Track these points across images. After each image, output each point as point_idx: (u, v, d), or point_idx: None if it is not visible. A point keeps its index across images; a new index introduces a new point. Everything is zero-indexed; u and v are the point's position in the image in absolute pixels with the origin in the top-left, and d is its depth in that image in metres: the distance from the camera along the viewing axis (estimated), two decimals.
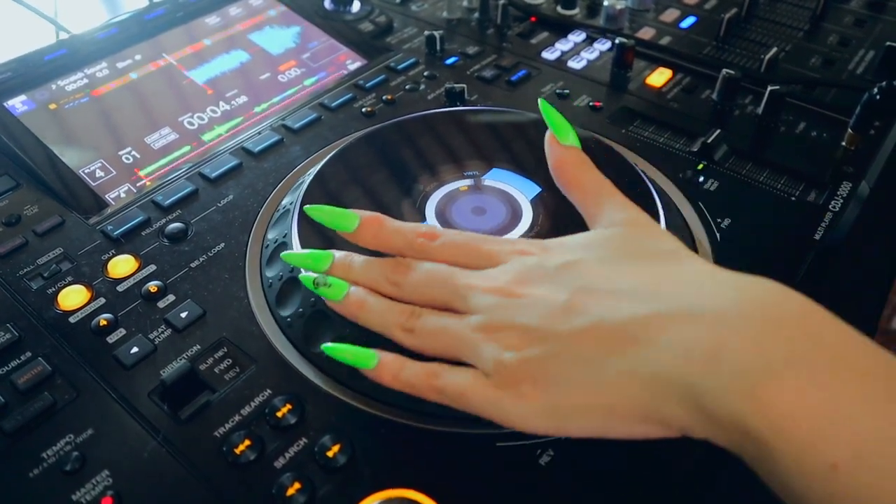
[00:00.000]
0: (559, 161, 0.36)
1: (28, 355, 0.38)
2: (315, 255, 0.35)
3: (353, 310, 0.34)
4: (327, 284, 0.34)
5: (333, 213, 0.35)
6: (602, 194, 0.35)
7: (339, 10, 0.70)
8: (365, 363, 0.33)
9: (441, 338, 0.32)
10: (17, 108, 0.54)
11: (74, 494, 0.32)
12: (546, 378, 0.29)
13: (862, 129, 0.53)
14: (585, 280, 0.30)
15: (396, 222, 0.35)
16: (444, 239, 0.34)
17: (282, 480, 0.32)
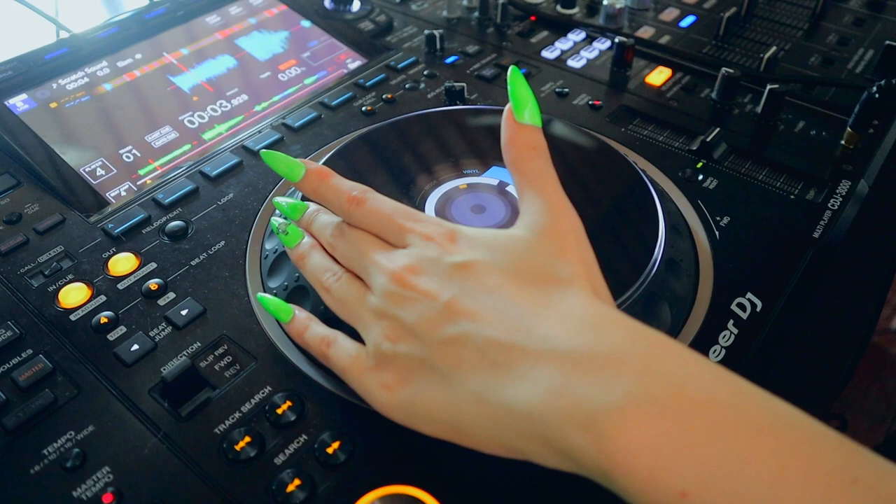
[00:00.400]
0: (509, 139, 0.34)
1: (29, 353, 0.38)
2: (294, 205, 0.38)
3: (296, 259, 0.37)
4: (286, 232, 0.37)
5: (283, 161, 0.37)
6: (537, 186, 0.33)
7: (340, 9, 0.71)
8: (282, 316, 0.36)
9: (346, 306, 0.34)
10: (18, 107, 0.54)
11: (75, 491, 0.32)
12: (408, 377, 0.30)
13: (861, 128, 0.53)
14: (470, 287, 0.30)
15: (340, 180, 0.36)
16: (368, 206, 0.35)
17: (282, 477, 0.32)
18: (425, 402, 0.30)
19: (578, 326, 0.28)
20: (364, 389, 0.32)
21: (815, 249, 0.45)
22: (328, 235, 0.36)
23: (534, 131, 0.34)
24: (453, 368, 0.29)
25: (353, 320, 0.34)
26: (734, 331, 0.40)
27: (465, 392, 0.29)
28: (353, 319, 0.34)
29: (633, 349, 0.27)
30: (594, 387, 0.26)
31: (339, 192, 0.36)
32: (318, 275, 0.35)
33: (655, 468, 0.24)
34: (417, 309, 0.30)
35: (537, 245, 0.31)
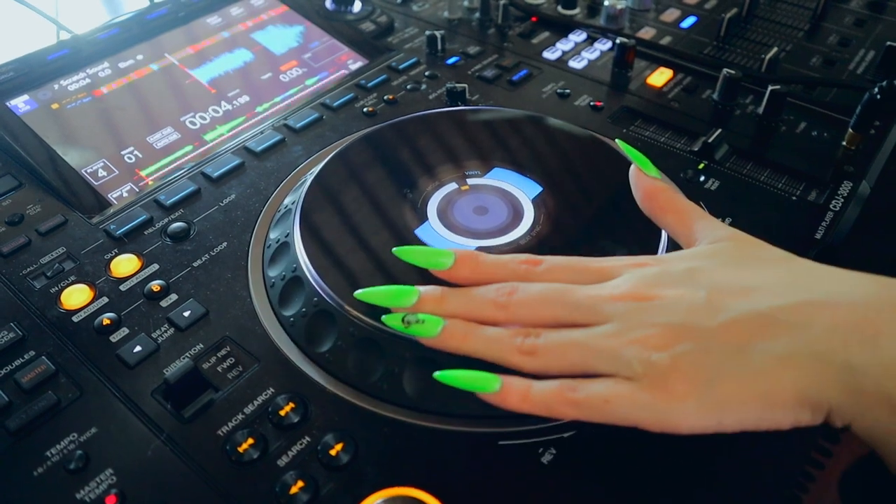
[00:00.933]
0: (649, 190, 0.37)
1: (32, 354, 0.38)
2: (399, 291, 0.33)
3: (457, 342, 0.32)
4: (420, 321, 0.32)
5: (427, 252, 0.34)
6: (697, 216, 0.36)
7: (341, 10, 0.71)
8: (486, 387, 0.30)
9: (570, 353, 0.30)
10: (20, 108, 0.54)
11: (78, 493, 0.32)
12: (699, 374, 0.28)
13: (862, 129, 0.53)
14: (716, 280, 0.30)
15: (492, 256, 0.34)
16: (550, 262, 0.33)
17: (285, 479, 0.32)
18: (728, 388, 0.28)
19: (854, 281, 0.29)
20: (648, 412, 0.28)
21: (817, 250, 0.45)
22: (487, 300, 0.32)
23: (662, 180, 0.37)
24: (747, 343, 0.28)
25: (592, 362, 0.30)
26: None
27: (769, 359, 0.28)
28: (589, 359, 0.30)
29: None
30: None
31: (504, 262, 0.34)
32: (505, 343, 0.31)
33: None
34: (679, 310, 0.29)
35: (737, 245, 0.33)
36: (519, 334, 0.31)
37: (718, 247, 0.33)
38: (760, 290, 0.29)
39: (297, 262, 0.39)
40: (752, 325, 0.28)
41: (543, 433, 0.34)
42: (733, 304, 0.29)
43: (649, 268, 0.32)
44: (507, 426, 0.34)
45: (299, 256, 0.40)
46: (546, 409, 0.30)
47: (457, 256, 0.34)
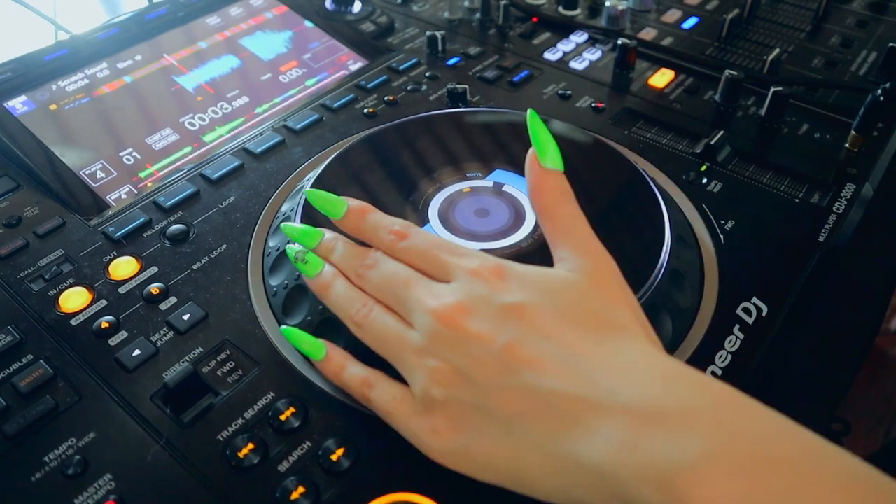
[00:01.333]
0: (537, 185, 0.34)
1: (29, 358, 0.38)
2: (307, 231, 0.37)
3: (319, 289, 0.35)
4: (305, 260, 0.36)
5: (325, 199, 0.36)
6: (573, 232, 0.33)
7: (341, 11, 0.70)
8: (314, 354, 0.35)
9: (382, 342, 0.33)
10: (18, 109, 0.54)
11: (77, 499, 0.32)
12: (464, 425, 0.30)
13: (865, 131, 0.53)
14: (527, 332, 0.29)
15: (380, 215, 0.36)
16: (410, 241, 0.34)
17: (285, 484, 0.32)
18: (482, 450, 0.29)
19: (645, 380, 0.28)
20: (411, 434, 0.31)
21: (820, 253, 0.45)
22: (356, 265, 0.35)
23: (559, 176, 0.34)
24: (514, 418, 0.28)
25: (394, 359, 0.32)
26: (740, 336, 0.40)
27: (527, 443, 0.28)
28: (394, 358, 0.32)
29: (703, 404, 0.26)
30: (669, 443, 0.25)
31: (380, 226, 0.35)
32: (346, 307, 0.34)
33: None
34: (471, 353, 0.29)
35: (587, 288, 0.31)
36: (359, 303, 0.34)
37: (568, 282, 0.31)
38: (555, 364, 0.28)
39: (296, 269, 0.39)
40: (524, 401, 0.28)
41: None
42: (521, 371, 0.28)
43: (481, 285, 0.31)
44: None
45: None
46: (349, 391, 0.34)
47: (348, 208, 0.36)
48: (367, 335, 0.33)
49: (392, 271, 0.34)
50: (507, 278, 0.31)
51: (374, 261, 0.34)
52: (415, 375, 0.31)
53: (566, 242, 0.33)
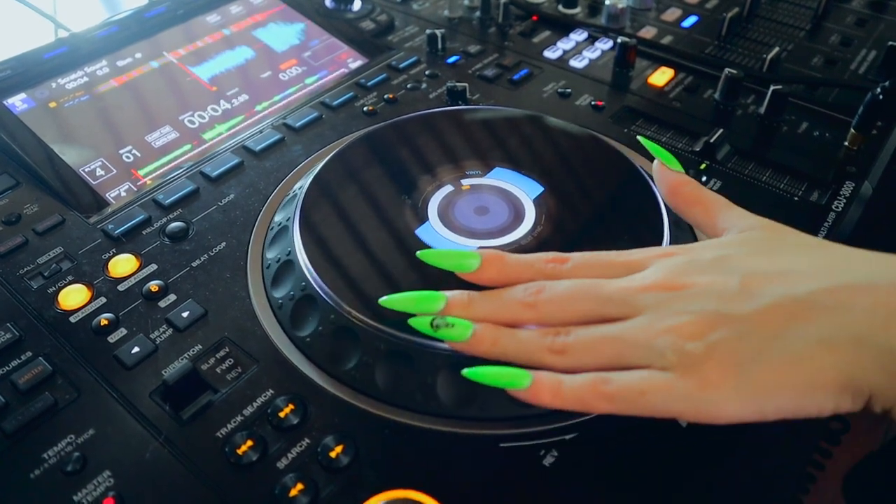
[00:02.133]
0: (675, 184, 0.37)
1: (28, 355, 0.38)
2: (427, 297, 0.32)
3: (486, 345, 0.31)
4: (449, 325, 0.31)
5: (452, 255, 0.34)
6: (724, 207, 0.35)
7: (341, 9, 0.70)
8: (517, 383, 0.30)
9: (602, 347, 0.29)
10: (17, 107, 0.54)
11: (76, 495, 0.32)
12: (737, 361, 0.27)
13: (865, 129, 0.53)
14: (749, 267, 0.30)
15: (518, 256, 0.34)
16: (576, 259, 0.33)
17: (285, 481, 0.32)
18: (767, 376, 0.27)
19: (881, 260, 0.29)
20: (685, 401, 0.28)
21: None
22: (515, 301, 0.32)
23: (686, 175, 0.38)
24: (785, 329, 0.28)
25: (622, 354, 0.29)
26: None
27: (810, 343, 0.27)
28: (621, 353, 0.29)
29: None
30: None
31: (530, 261, 0.33)
32: (536, 343, 0.30)
33: None
34: (712, 297, 0.29)
35: (768, 233, 0.33)
36: (549, 333, 0.30)
37: (748, 235, 0.33)
38: (796, 275, 0.29)
39: (305, 279, 0.39)
40: (788, 309, 0.28)
41: (544, 435, 0.34)
42: (768, 289, 0.28)
43: (678, 257, 0.32)
44: (508, 428, 0.34)
45: (307, 273, 0.39)
46: (580, 403, 0.29)
47: (483, 258, 0.33)
48: (577, 355, 0.30)
49: (574, 283, 0.31)
50: (693, 248, 0.32)
51: (542, 286, 0.32)
52: (658, 346, 0.28)
53: (724, 217, 0.35)
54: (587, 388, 0.29)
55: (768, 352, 0.27)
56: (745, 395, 0.27)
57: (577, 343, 0.30)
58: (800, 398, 0.27)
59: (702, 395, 0.27)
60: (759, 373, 0.27)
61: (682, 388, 0.27)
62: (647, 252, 0.33)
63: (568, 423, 0.34)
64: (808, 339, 0.27)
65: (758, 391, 0.27)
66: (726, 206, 0.36)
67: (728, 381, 0.27)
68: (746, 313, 0.28)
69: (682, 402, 0.28)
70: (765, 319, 0.28)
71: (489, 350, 0.31)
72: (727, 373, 0.27)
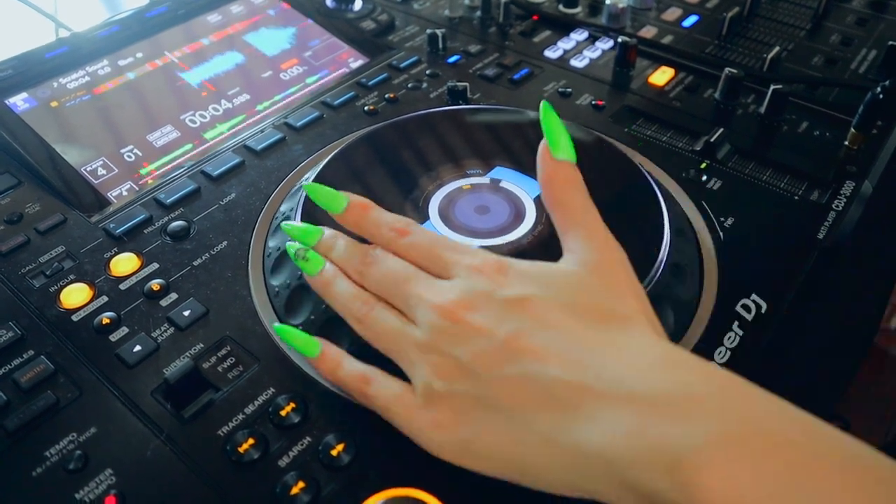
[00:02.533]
0: (547, 176, 0.34)
1: (30, 354, 0.38)
2: (307, 229, 0.37)
3: (320, 287, 0.35)
4: (305, 258, 0.36)
5: (325, 193, 0.36)
6: (581, 223, 0.33)
7: (341, 9, 0.70)
8: (308, 351, 0.35)
9: (384, 339, 0.33)
10: (19, 106, 0.54)
11: (78, 493, 0.32)
12: (465, 417, 0.30)
13: (865, 129, 0.53)
14: (528, 323, 0.29)
15: (381, 211, 0.36)
16: (412, 238, 0.34)
17: (286, 479, 0.32)
18: (485, 442, 0.29)
19: (649, 367, 0.28)
20: (413, 429, 0.31)
21: (820, 250, 0.45)
22: (356, 262, 0.35)
23: (571, 167, 0.34)
24: (517, 408, 0.28)
25: (395, 355, 0.32)
26: (739, 332, 0.40)
27: (531, 433, 0.28)
28: (395, 354, 0.32)
29: (707, 390, 0.26)
30: (675, 428, 0.25)
31: (381, 222, 0.35)
32: (348, 304, 0.34)
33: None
34: (473, 346, 0.29)
35: (591, 281, 0.31)
36: (361, 300, 0.34)
37: (569, 275, 0.31)
38: (558, 355, 0.28)
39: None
40: (527, 390, 0.28)
41: None
42: (523, 361, 0.28)
43: (482, 280, 0.31)
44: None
45: None
46: (346, 388, 0.34)
47: (349, 203, 0.36)
48: (369, 332, 0.33)
49: (393, 268, 0.34)
50: (508, 274, 0.31)
51: (375, 258, 0.34)
52: (416, 370, 0.31)
53: (575, 234, 0.33)
54: (353, 379, 0.33)
55: (496, 422, 0.29)
56: (462, 449, 0.30)
57: (373, 323, 0.33)
58: (515, 476, 0.29)
59: (427, 432, 0.31)
60: (481, 437, 0.29)
61: (416, 419, 0.31)
62: (466, 259, 0.32)
63: None
64: (533, 427, 0.28)
65: (474, 451, 0.30)
66: (580, 223, 0.33)
67: (453, 430, 0.30)
68: (492, 378, 0.29)
69: (412, 431, 0.31)
70: (503, 392, 0.29)
71: (321, 290, 0.35)
72: (455, 423, 0.30)
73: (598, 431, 0.27)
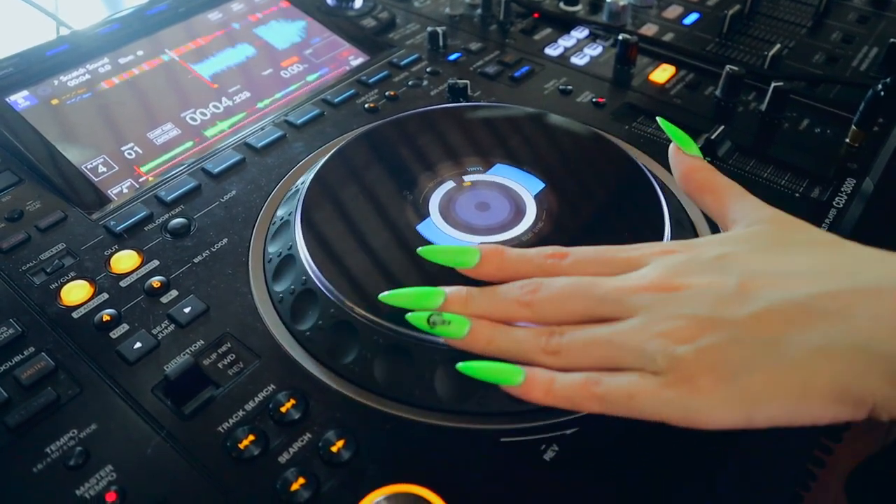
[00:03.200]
0: (688, 168, 0.36)
1: (31, 350, 0.38)
2: (425, 293, 0.32)
3: (482, 344, 0.31)
4: (446, 322, 0.31)
5: (451, 251, 0.34)
6: (736, 196, 0.34)
7: (342, 6, 0.70)
8: (510, 380, 0.30)
9: (594, 350, 0.29)
10: (20, 104, 0.54)
11: (78, 489, 0.32)
12: (726, 367, 0.27)
13: (866, 126, 0.53)
14: (749, 267, 0.29)
15: (518, 251, 0.34)
16: (576, 254, 0.32)
17: (286, 475, 0.32)
18: (760, 381, 0.26)
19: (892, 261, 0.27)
20: (673, 407, 0.27)
21: None
22: (512, 299, 0.31)
23: (702, 160, 0.37)
24: (781, 335, 0.26)
25: (613, 356, 0.29)
26: None
27: (805, 350, 0.26)
28: (613, 355, 0.29)
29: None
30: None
31: (529, 256, 0.33)
32: (529, 344, 0.30)
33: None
34: (706, 300, 0.28)
35: (777, 228, 0.31)
36: (543, 333, 0.30)
37: (755, 230, 0.32)
38: (797, 278, 0.28)
39: (306, 273, 0.39)
40: (786, 314, 0.27)
41: (545, 430, 0.34)
42: (766, 292, 0.27)
43: (678, 255, 0.31)
44: (509, 423, 0.34)
45: (307, 267, 0.39)
46: (570, 402, 0.29)
47: (482, 253, 0.33)
48: (570, 356, 0.30)
49: (570, 281, 0.31)
50: (695, 245, 0.31)
51: (539, 283, 0.31)
52: (649, 350, 0.28)
53: (735, 207, 0.34)
54: (577, 387, 0.29)
55: (761, 359, 0.27)
56: (734, 403, 0.27)
57: (571, 344, 0.30)
58: (792, 407, 0.26)
59: (690, 402, 0.27)
60: (749, 380, 0.26)
61: (670, 394, 0.27)
62: (647, 248, 0.32)
63: (568, 418, 0.34)
64: (804, 346, 0.26)
65: (747, 399, 0.27)
66: (739, 195, 0.34)
67: (717, 387, 0.27)
68: (741, 318, 0.27)
69: (670, 408, 0.27)
70: (759, 324, 0.27)
71: (485, 348, 0.31)
72: (717, 379, 0.27)
73: (882, 326, 0.25)
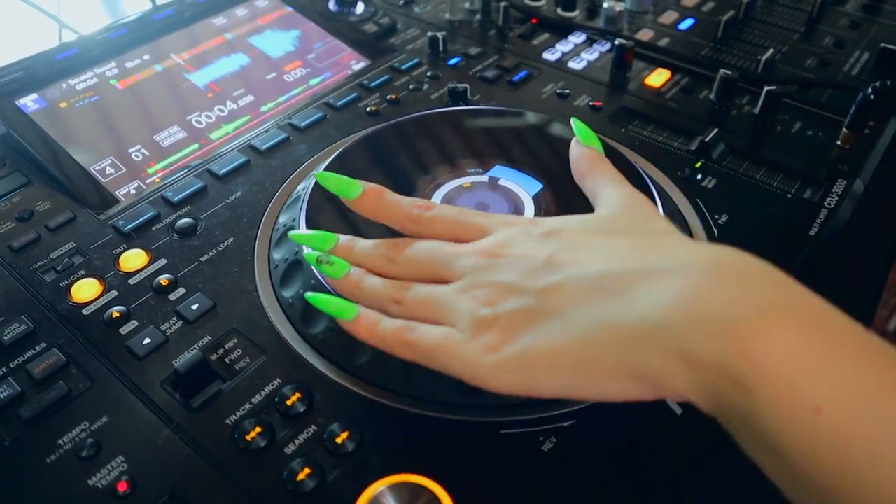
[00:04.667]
0: (576, 157, 0.39)
1: (43, 346, 0.39)
2: (321, 236, 0.37)
3: (351, 287, 0.35)
4: (329, 262, 0.35)
5: (340, 181, 0.37)
6: (609, 183, 0.36)
7: (344, 12, 0.72)
8: (345, 314, 0.33)
9: (426, 305, 0.32)
10: (29, 107, 0.55)
11: (90, 479, 0.33)
12: (516, 333, 0.29)
13: (857, 129, 0.54)
14: (568, 244, 0.31)
15: (396, 195, 0.37)
16: (438, 210, 0.35)
17: (292, 466, 0.33)
18: (541, 348, 0.28)
19: (696, 250, 0.29)
20: (463, 360, 0.29)
21: (812, 247, 0.46)
22: (383, 252, 0.35)
23: (596, 150, 0.39)
24: (569, 307, 0.28)
25: (439, 312, 0.32)
26: None
27: (585, 324, 0.28)
28: (438, 311, 0.32)
29: (757, 268, 0.27)
30: (732, 294, 0.25)
31: (401, 205, 0.36)
32: (383, 293, 0.34)
33: (795, 380, 0.23)
34: (517, 269, 0.30)
35: (622, 214, 0.33)
36: (395, 286, 0.34)
37: (601, 213, 0.34)
38: (599, 256, 0.30)
39: (315, 277, 0.39)
40: (576, 289, 0.29)
41: (544, 422, 0.35)
42: (568, 268, 0.29)
43: (517, 227, 0.33)
44: (510, 415, 0.35)
45: (317, 272, 0.39)
46: (385, 344, 0.32)
47: (364, 189, 0.36)
48: (409, 307, 0.33)
49: (426, 244, 0.34)
50: (538, 221, 0.34)
51: (404, 241, 0.35)
52: (459, 310, 0.31)
53: (605, 192, 0.36)
54: (395, 331, 0.32)
55: (547, 326, 0.28)
56: (516, 369, 0.28)
57: (411, 298, 0.33)
58: (572, 379, 0.28)
59: (479, 361, 0.29)
60: (533, 345, 0.28)
61: (466, 351, 0.29)
62: (498, 218, 0.35)
63: (566, 410, 0.36)
64: (585, 320, 0.28)
65: (527, 366, 0.28)
66: (611, 182, 0.36)
67: (507, 348, 0.29)
68: (539, 288, 0.29)
69: (463, 364, 0.30)
70: (552, 296, 0.29)
71: (352, 291, 0.35)
72: (506, 341, 0.29)
73: (654, 302, 0.26)
